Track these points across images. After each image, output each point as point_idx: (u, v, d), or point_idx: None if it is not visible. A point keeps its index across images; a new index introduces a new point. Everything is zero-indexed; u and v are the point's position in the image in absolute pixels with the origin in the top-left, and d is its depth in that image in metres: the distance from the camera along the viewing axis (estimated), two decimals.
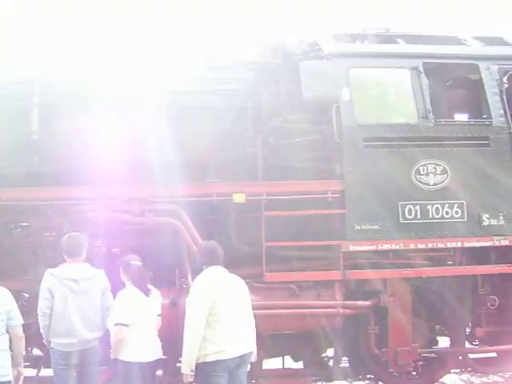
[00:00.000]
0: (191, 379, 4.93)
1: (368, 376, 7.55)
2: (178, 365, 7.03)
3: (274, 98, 6.91)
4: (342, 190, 6.61)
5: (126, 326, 5.13)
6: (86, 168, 6.68)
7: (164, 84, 6.74)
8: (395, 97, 7.10)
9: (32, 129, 6.64)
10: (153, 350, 5.36)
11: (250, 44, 7.41)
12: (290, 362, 7.33)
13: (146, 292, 5.37)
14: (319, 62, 6.97)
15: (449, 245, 6.75)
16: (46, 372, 7.29)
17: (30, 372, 6.84)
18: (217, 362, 4.85)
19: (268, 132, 6.73)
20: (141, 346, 5.23)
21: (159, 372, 7.53)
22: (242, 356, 5.01)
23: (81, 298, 5.37)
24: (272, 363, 7.27)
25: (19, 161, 6.69)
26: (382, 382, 7.36)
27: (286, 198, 6.51)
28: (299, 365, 7.29)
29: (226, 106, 6.75)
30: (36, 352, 7.33)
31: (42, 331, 5.49)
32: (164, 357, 7.14)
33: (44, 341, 5.57)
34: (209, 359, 4.85)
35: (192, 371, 4.87)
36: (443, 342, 7.41)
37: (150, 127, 6.64)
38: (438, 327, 7.30)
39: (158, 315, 5.51)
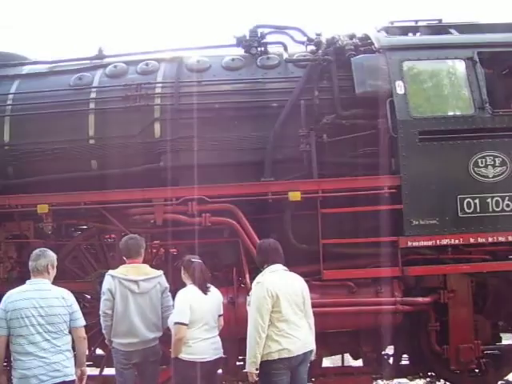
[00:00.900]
0: (256, 378, 4.93)
1: (429, 373, 7.42)
2: (237, 363, 7.10)
3: (326, 94, 6.87)
4: (398, 186, 6.50)
5: (186, 324, 5.16)
6: (140, 171, 6.82)
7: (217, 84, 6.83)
8: (450, 88, 6.90)
9: (89, 134, 6.85)
10: (213, 349, 5.37)
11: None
12: (349, 360, 7.27)
13: (205, 290, 5.39)
14: (371, 56, 6.90)
15: (510, 238, 6.56)
16: (109, 371, 7.47)
17: (93, 371, 6.98)
18: (280, 360, 4.85)
19: (321, 129, 6.67)
20: (200, 344, 5.26)
21: (219, 371, 7.60)
22: (304, 354, 5.01)
23: (141, 299, 5.44)
24: (331, 361, 7.24)
25: (78, 166, 6.88)
26: (443, 379, 7.23)
27: (342, 194, 6.44)
28: (359, 362, 7.23)
29: (278, 105, 6.76)
30: (98, 352, 7.51)
31: (103, 331, 5.60)
32: (224, 356, 7.21)
33: (106, 341, 5.68)
34: (272, 357, 4.85)
35: (257, 370, 4.87)
36: (508, 338, 7.23)
37: (204, 128, 6.73)
38: (501, 323, 7.11)
39: (220, 315, 5.53)
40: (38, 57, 7.99)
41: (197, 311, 5.23)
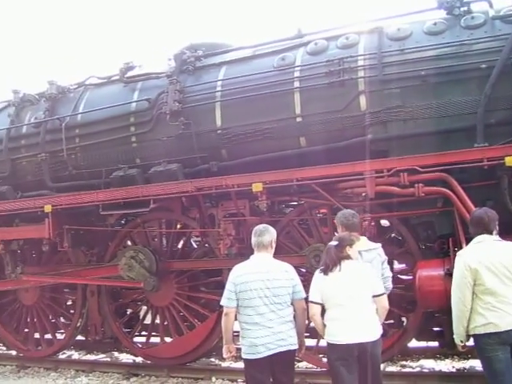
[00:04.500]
0: (462, 350, 4.91)
1: None
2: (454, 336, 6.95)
3: None
4: None
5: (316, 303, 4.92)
6: (349, 144, 6.87)
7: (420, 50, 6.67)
8: None
9: (296, 112, 7.05)
10: (354, 332, 4.87)
11: None
12: None
13: (326, 270, 4.98)
14: None
15: None
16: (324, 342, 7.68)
17: (309, 342, 7.23)
18: (488, 335, 4.59)
19: None
20: (334, 325, 4.90)
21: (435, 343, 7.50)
22: None
23: None
24: None
25: (287, 144, 7.12)
26: None
27: None
28: None
29: (487, 66, 6.40)
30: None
31: None
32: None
33: None
34: (478, 331, 4.63)
35: (462, 342, 4.76)
36: None
37: (411, 96, 6.60)
38: None
39: (374, 296, 5.01)
40: (241, 43, 8.32)
41: (326, 290, 4.92)
